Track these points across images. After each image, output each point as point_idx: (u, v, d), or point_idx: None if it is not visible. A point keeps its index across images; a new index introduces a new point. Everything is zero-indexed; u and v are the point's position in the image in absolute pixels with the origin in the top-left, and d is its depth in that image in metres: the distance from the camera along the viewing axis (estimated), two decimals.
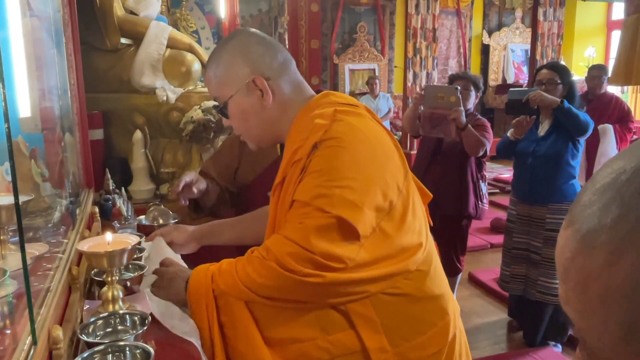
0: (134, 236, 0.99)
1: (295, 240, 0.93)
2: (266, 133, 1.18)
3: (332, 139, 1.00)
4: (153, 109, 2.52)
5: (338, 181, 0.96)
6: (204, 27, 7.74)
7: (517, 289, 2.93)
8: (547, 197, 2.75)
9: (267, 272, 0.94)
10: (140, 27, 2.61)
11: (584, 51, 9.48)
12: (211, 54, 1.17)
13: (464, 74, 3.22)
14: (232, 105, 1.14)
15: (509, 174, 7.75)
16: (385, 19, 9.11)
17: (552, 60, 3.90)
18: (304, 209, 0.96)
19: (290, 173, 1.03)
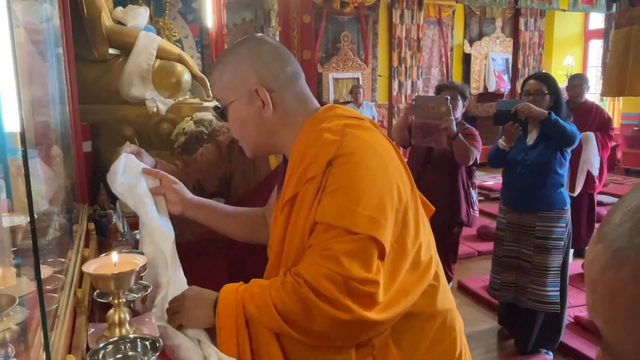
0: (140, 256, 0.96)
1: (327, 267, 0.92)
2: (263, 143, 1.18)
3: (345, 155, 0.99)
4: (143, 121, 2.47)
5: (358, 198, 0.95)
6: (187, 36, 7.66)
7: (508, 296, 2.96)
8: (536, 205, 2.80)
9: (301, 301, 0.92)
10: (128, 37, 2.57)
11: (563, 60, 9.68)
12: (221, 55, 1.18)
13: (451, 84, 3.29)
14: (232, 110, 1.14)
15: (493, 181, 7.86)
16: (368, 28, 9.17)
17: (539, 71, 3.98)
18: (329, 233, 0.94)
19: (303, 190, 1.01)
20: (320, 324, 0.93)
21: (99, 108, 2.46)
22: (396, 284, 1.00)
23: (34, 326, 0.70)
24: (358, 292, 0.91)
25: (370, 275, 0.92)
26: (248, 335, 0.97)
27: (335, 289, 0.90)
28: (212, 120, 2.36)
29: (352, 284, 0.90)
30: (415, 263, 1.06)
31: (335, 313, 0.91)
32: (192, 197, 1.38)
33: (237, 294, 0.99)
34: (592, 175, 4.34)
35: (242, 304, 0.97)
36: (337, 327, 0.93)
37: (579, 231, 4.36)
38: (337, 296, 0.90)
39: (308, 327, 0.94)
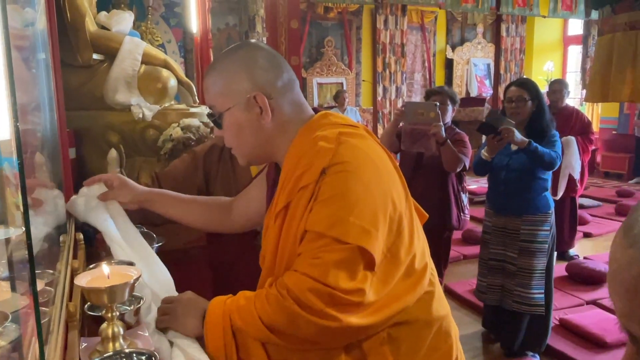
0: (133, 268, 0.94)
1: (314, 277, 0.91)
2: (259, 151, 1.15)
3: (340, 164, 0.98)
4: (128, 127, 2.44)
5: (351, 208, 0.94)
6: (170, 41, 7.60)
7: (494, 299, 2.99)
8: (521, 209, 2.84)
9: (286, 313, 0.91)
10: (113, 42, 2.54)
11: (543, 65, 9.84)
12: (214, 61, 1.15)
13: (441, 89, 3.32)
14: (228, 118, 1.10)
15: (477, 185, 7.94)
16: (352, 33, 9.21)
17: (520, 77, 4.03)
18: (319, 241, 0.93)
19: (296, 199, 1.00)
20: (306, 333, 0.93)
21: (83, 114, 2.42)
22: (387, 290, 1.00)
23: (27, 343, 0.68)
24: (343, 302, 0.91)
25: (355, 285, 0.92)
26: (235, 347, 0.96)
27: (319, 302, 0.90)
28: (199, 126, 2.34)
29: (338, 295, 0.90)
30: (409, 271, 1.06)
31: (321, 322, 0.91)
32: (143, 189, 1.38)
33: (225, 306, 0.98)
34: (573, 179, 4.41)
35: (229, 317, 0.96)
36: (323, 334, 0.93)
37: (562, 234, 4.42)
38: (321, 307, 0.90)
39: (294, 335, 0.94)
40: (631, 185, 8.15)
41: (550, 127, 2.83)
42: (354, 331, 0.95)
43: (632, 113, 8.63)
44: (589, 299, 3.76)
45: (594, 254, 4.81)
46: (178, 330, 1.01)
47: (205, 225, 1.45)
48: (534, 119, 2.82)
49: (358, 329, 0.95)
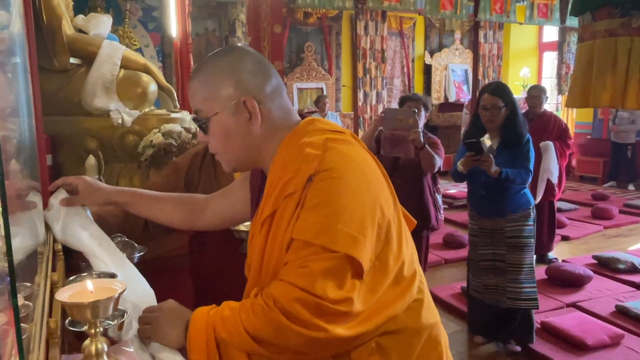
0: (117, 281, 0.90)
1: (301, 286, 0.89)
2: (246, 157, 1.12)
3: (327, 171, 0.96)
4: (107, 133, 2.38)
5: (338, 215, 0.92)
6: (147, 45, 7.49)
7: (492, 298, 3.06)
8: (504, 210, 2.95)
9: (272, 324, 0.89)
10: (91, 46, 2.48)
11: (519, 71, 10.02)
12: (201, 64, 1.11)
13: (415, 95, 3.51)
14: (215, 123, 1.07)
15: (456, 189, 8.01)
16: (331, 39, 9.23)
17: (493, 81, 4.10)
18: (307, 250, 0.91)
19: (282, 207, 0.98)
20: (293, 343, 0.91)
21: (59, 120, 2.35)
22: (375, 299, 0.99)
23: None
24: (330, 312, 0.89)
25: (342, 294, 0.90)
26: (219, 358, 0.94)
27: (307, 312, 0.88)
28: (180, 132, 2.29)
29: (325, 305, 0.88)
30: (398, 279, 1.04)
31: (308, 333, 0.89)
32: (111, 189, 1.36)
33: (208, 317, 0.95)
34: (552, 183, 4.48)
35: (213, 328, 0.94)
36: (311, 344, 0.91)
37: (541, 238, 4.48)
38: (309, 318, 0.88)
39: (281, 346, 0.91)
40: (606, 188, 8.33)
41: (524, 132, 2.90)
42: (342, 341, 0.93)
43: (605, 118, 8.83)
44: (568, 301, 3.80)
45: (572, 257, 4.89)
46: (160, 341, 0.98)
47: (179, 222, 1.43)
48: (508, 124, 2.89)
49: (346, 339, 0.93)
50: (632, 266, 4.35)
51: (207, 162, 1.84)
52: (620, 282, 4.20)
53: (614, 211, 6.38)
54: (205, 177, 1.82)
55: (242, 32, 4.94)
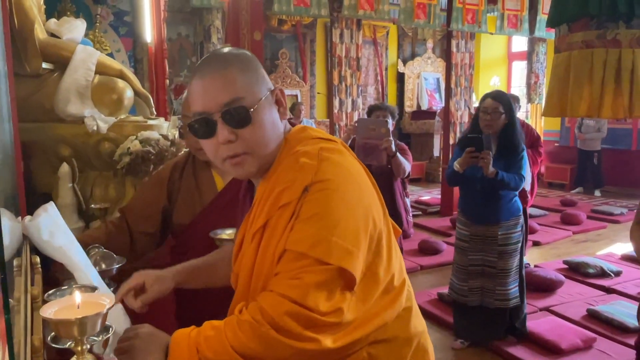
0: (106, 295, 0.86)
1: (293, 298, 0.87)
2: (271, 156, 1.05)
3: (322, 182, 0.95)
4: (81, 140, 2.31)
5: (333, 227, 0.91)
6: (119, 50, 7.35)
7: (476, 300, 3.17)
8: (499, 217, 3.05)
9: (261, 339, 0.86)
10: (64, 51, 2.40)
11: (489, 80, 10.24)
12: (224, 54, 1.04)
13: (382, 105, 3.65)
14: (261, 110, 1.00)
15: (429, 195, 8.11)
16: (306, 46, 9.26)
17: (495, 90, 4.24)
18: (300, 262, 0.89)
19: (276, 217, 0.96)
20: (283, 356, 0.89)
21: (31, 126, 2.27)
22: (365, 308, 0.98)
23: None
24: (321, 324, 0.88)
25: (333, 305, 0.89)
26: None
27: (297, 325, 0.86)
28: (159, 139, 2.24)
29: (315, 317, 0.87)
30: (388, 288, 1.05)
31: (299, 345, 0.87)
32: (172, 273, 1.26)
33: (190, 339, 0.91)
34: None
35: (196, 349, 0.90)
36: (301, 356, 0.89)
37: None
38: (299, 331, 0.86)
39: (271, 359, 0.89)
40: (573, 194, 8.56)
41: (520, 143, 3.00)
42: (333, 352, 0.91)
43: (573, 126, 9.08)
44: (542, 306, 3.87)
45: (544, 262, 4.99)
46: None
47: None
48: (506, 132, 2.99)
49: (337, 349, 0.92)
50: (601, 270, 4.47)
51: (187, 172, 1.81)
52: (590, 286, 4.30)
53: (582, 217, 6.56)
54: (186, 187, 1.79)
55: (217, 38, 4.89)
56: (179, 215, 1.79)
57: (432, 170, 9.61)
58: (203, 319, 1.64)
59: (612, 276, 4.43)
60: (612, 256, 5.17)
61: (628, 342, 3.19)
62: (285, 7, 4.89)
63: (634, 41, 1.81)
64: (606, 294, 4.15)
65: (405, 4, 6.07)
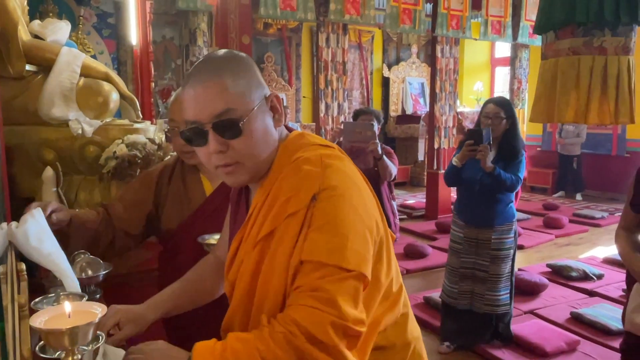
0: (96, 304, 0.84)
1: (325, 309, 0.84)
2: (266, 163, 1.05)
3: (329, 189, 0.94)
4: (66, 143, 2.26)
5: (346, 234, 0.91)
6: (102, 52, 7.26)
7: (465, 304, 3.21)
8: (494, 220, 3.10)
9: (296, 352, 0.83)
10: (49, 53, 2.36)
11: (473, 85, 10.35)
12: (216, 62, 1.00)
13: (367, 109, 3.75)
14: (253, 121, 0.98)
15: (414, 199, 8.15)
16: (291, 50, 9.26)
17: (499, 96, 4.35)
18: (320, 271, 0.88)
19: (283, 226, 0.95)
20: None
21: (14, 130, 2.22)
22: (370, 318, 0.98)
23: None
24: (351, 334, 0.86)
25: (359, 314, 0.88)
26: None
27: (335, 336, 0.84)
28: (145, 143, 2.21)
29: (349, 327, 0.86)
30: (387, 293, 1.05)
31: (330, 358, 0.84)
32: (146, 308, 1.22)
33: (215, 353, 0.86)
34: None
35: None
36: None
37: None
38: (336, 343, 0.84)
39: None
40: (555, 198, 8.69)
41: (520, 149, 3.07)
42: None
43: (554, 132, 9.23)
44: (526, 309, 3.91)
45: (528, 265, 5.05)
46: None
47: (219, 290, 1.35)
48: (507, 137, 3.05)
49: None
50: (584, 274, 4.54)
51: (175, 176, 1.78)
52: (573, 289, 4.37)
53: (564, 220, 6.65)
54: (174, 191, 1.76)
55: (203, 41, 4.86)
56: (167, 220, 1.76)
57: (417, 174, 9.66)
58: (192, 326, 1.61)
59: (595, 279, 4.50)
60: (594, 259, 5.25)
61: (611, 344, 3.24)
62: (272, 10, 4.88)
63: (619, 48, 1.84)
64: (589, 297, 4.21)
65: (390, 10, 6.10)
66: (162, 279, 1.84)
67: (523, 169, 3.05)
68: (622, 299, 4.00)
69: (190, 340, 1.76)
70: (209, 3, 4.35)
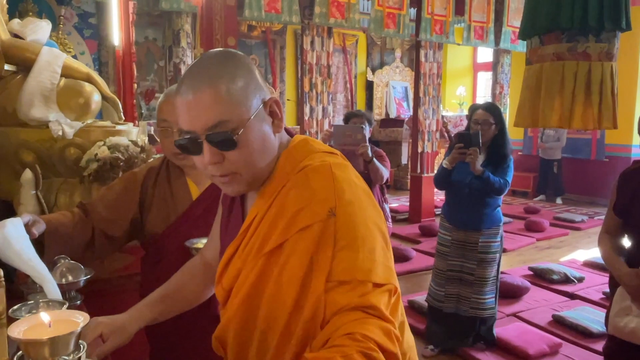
0: (79, 313, 0.81)
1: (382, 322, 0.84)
2: (265, 171, 1.00)
3: (346, 204, 0.93)
4: (45, 145, 2.21)
5: (372, 248, 0.90)
6: (83, 53, 7.18)
7: (451, 307, 3.22)
8: (482, 224, 3.12)
9: None
10: (29, 52, 2.31)
11: (456, 90, 10.45)
12: (208, 69, 0.93)
13: (359, 112, 3.71)
14: (249, 131, 0.93)
15: (397, 203, 8.18)
16: (275, 52, 9.24)
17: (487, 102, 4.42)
18: (360, 289, 0.86)
19: (294, 240, 0.92)
20: None
21: None
22: None
23: None
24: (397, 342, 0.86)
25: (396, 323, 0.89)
26: None
27: (394, 346, 0.83)
28: (128, 145, 2.17)
29: (397, 336, 0.86)
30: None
31: None
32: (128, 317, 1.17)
33: None
34: None
35: None
36: None
37: None
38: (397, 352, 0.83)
39: None
40: (536, 202, 8.80)
41: (509, 154, 3.11)
42: None
43: (535, 135, 9.36)
44: (509, 312, 3.94)
45: (510, 269, 5.09)
46: None
47: (208, 292, 1.31)
48: (496, 142, 3.09)
49: None
50: (565, 277, 4.59)
51: (161, 178, 1.74)
52: (555, 292, 4.41)
53: (545, 224, 6.74)
54: (160, 194, 1.71)
55: (186, 42, 4.81)
56: (152, 224, 1.71)
57: (400, 177, 9.71)
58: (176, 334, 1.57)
59: (576, 282, 4.56)
60: (574, 262, 5.33)
61: (593, 347, 3.28)
62: (257, 13, 4.86)
63: (602, 54, 1.87)
64: (570, 299, 4.26)
65: (375, 14, 6.13)
66: (145, 285, 1.79)
67: (511, 173, 3.10)
68: (602, 302, 4.06)
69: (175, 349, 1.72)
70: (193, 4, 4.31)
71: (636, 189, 1.84)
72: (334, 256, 0.89)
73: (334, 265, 0.88)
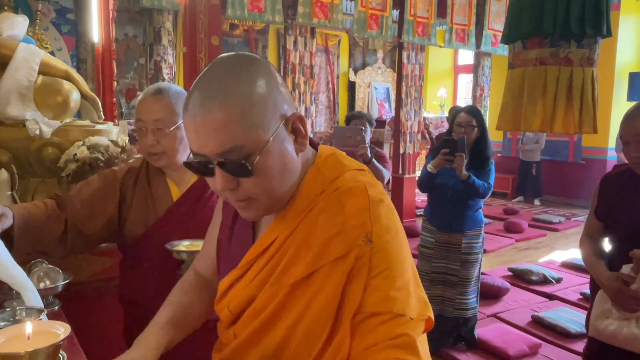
0: (59, 324, 0.78)
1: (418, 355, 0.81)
2: (287, 194, 0.90)
3: (384, 231, 0.86)
4: (22, 144, 2.15)
5: (408, 279, 0.86)
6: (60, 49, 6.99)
7: (435, 309, 3.21)
8: (464, 225, 3.17)
9: None
10: (5, 49, 2.24)
11: (437, 91, 10.53)
12: (218, 81, 0.81)
13: (360, 113, 3.73)
14: (268, 157, 0.82)
15: None
16: (258, 52, 9.19)
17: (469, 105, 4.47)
18: (394, 321, 0.81)
19: (327, 269, 0.84)
20: None
21: None
22: None
23: None
24: None
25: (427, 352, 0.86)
26: None
27: None
28: (108, 145, 2.13)
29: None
30: None
31: None
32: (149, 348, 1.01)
33: None
34: None
35: None
36: None
37: None
38: None
39: None
40: (515, 203, 8.93)
41: (490, 156, 3.15)
42: None
43: (514, 138, 9.50)
44: (489, 312, 3.98)
45: (490, 269, 5.14)
46: None
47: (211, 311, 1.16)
48: (478, 145, 3.13)
49: None
50: (544, 277, 4.66)
51: (141, 179, 1.70)
52: (533, 292, 4.48)
53: (524, 225, 6.83)
54: (139, 195, 1.67)
55: (168, 40, 4.75)
56: (131, 226, 1.66)
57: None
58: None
59: (554, 283, 4.63)
60: (552, 263, 5.41)
61: (571, 347, 3.33)
62: (239, 12, 4.81)
63: (584, 60, 1.90)
64: (549, 300, 4.32)
65: (358, 15, 6.14)
66: (124, 288, 1.75)
67: (493, 176, 3.14)
68: (580, 302, 4.13)
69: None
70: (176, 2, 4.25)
71: (617, 193, 1.86)
72: (367, 285, 0.82)
73: (366, 295, 0.82)
